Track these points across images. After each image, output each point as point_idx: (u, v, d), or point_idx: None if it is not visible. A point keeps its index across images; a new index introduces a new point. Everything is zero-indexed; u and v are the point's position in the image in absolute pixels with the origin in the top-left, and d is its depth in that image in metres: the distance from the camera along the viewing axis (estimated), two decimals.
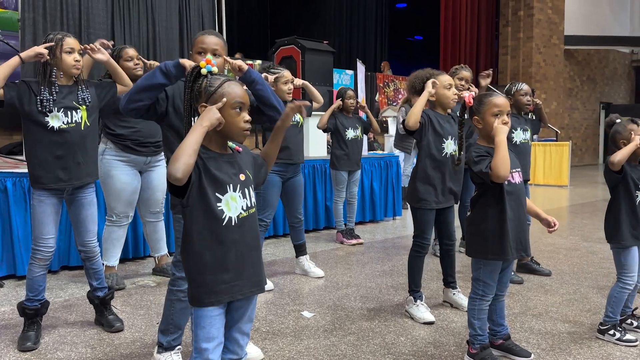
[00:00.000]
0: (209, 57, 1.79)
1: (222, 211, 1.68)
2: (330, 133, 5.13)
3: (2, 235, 3.84)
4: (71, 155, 2.72)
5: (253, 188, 1.81)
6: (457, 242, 3.44)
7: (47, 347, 2.73)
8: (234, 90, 1.71)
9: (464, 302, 3.17)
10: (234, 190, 1.71)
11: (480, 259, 2.46)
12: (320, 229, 5.90)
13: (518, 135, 3.77)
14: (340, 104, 5.03)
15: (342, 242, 5.27)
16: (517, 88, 3.87)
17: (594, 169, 15.74)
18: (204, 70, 1.72)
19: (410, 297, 3.18)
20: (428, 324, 3.06)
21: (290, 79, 3.83)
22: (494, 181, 2.31)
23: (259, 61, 9.24)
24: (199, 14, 7.61)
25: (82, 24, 6.41)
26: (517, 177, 2.45)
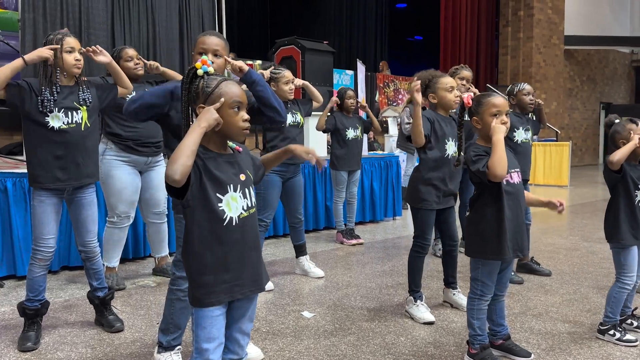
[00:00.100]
0: (204, 57, 1.78)
1: (223, 211, 1.68)
2: (330, 133, 5.13)
3: (2, 235, 3.84)
4: (71, 155, 2.73)
5: (254, 188, 1.81)
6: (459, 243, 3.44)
7: (47, 347, 2.73)
8: (231, 90, 1.71)
9: (464, 302, 3.17)
10: (235, 191, 1.71)
11: (479, 258, 2.46)
12: (320, 229, 5.91)
13: (520, 135, 3.78)
14: (337, 102, 5.02)
15: (342, 242, 5.27)
16: (519, 88, 3.91)
17: (594, 169, 15.73)
18: (200, 71, 1.71)
19: (410, 297, 3.18)
20: (428, 324, 3.06)
21: (291, 79, 3.84)
22: (491, 180, 2.32)
23: (259, 61, 9.22)
24: (199, 14, 7.61)
25: (82, 24, 6.41)
26: (515, 177, 2.45)
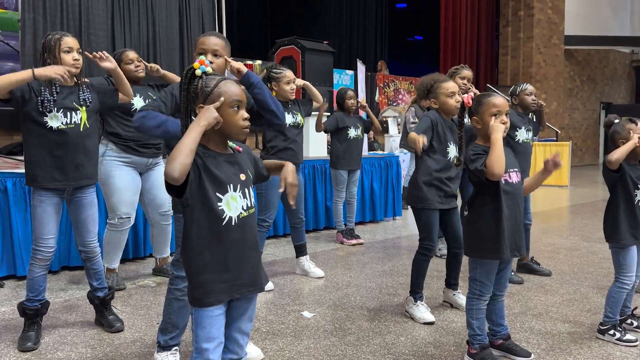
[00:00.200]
0: (202, 57, 1.79)
1: (222, 211, 1.67)
2: (331, 132, 5.13)
3: (2, 235, 3.84)
4: (69, 156, 2.72)
5: (254, 188, 1.81)
6: None
7: (47, 347, 2.73)
8: (230, 89, 1.71)
9: (463, 302, 3.16)
10: (235, 190, 1.71)
11: (477, 258, 2.46)
12: (320, 229, 5.91)
13: (521, 134, 3.78)
14: (326, 107, 4.90)
15: (342, 242, 5.27)
16: (522, 88, 3.93)
17: (594, 169, 15.73)
18: (199, 72, 1.71)
19: (410, 297, 3.18)
20: (428, 324, 3.06)
21: (293, 78, 3.83)
22: (489, 179, 2.32)
23: (259, 61, 9.23)
24: (199, 14, 7.61)
25: (82, 24, 6.41)
26: (514, 176, 2.45)
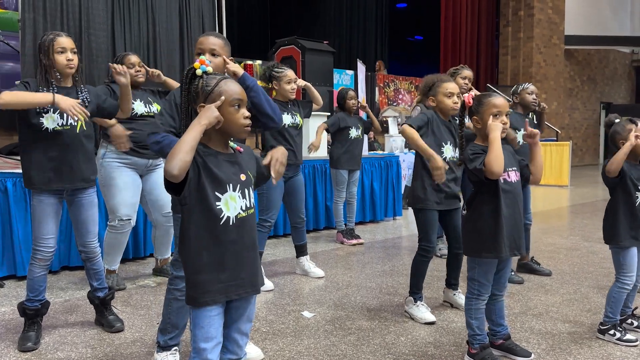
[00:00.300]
0: (202, 57, 1.79)
1: (220, 210, 1.67)
2: (332, 133, 5.13)
3: (3, 235, 3.84)
4: (65, 157, 2.70)
5: (253, 188, 1.81)
6: None
7: (48, 347, 2.73)
8: (231, 88, 1.71)
9: (464, 302, 3.16)
10: (234, 190, 1.71)
11: (475, 257, 2.47)
12: (320, 229, 5.90)
13: (521, 136, 3.76)
14: (316, 149, 4.90)
15: (342, 242, 5.27)
16: (523, 87, 3.94)
17: (594, 169, 15.73)
18: (199, 71, 1.72)
19: (410, 298, 3.18)
20: (429, 324, 3.06)
21: (294, 78, 3.82)
22: (488, 178, 2.33)
23: (259, 61, 9.22)
24: (199, 14, 7.60)
25: (82, 24, 6.40)
26: (513, 175, 2.45)
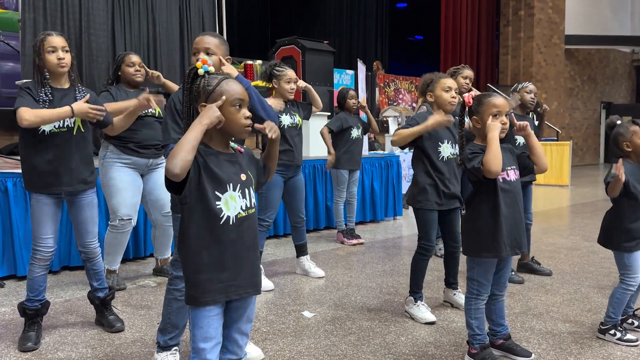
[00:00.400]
0: (205, 57, 1.79)
1: (220, 210, 1.67)
2: (334, 133, 5.13)
3: (3, 235, 3.84)
4: (62, 160, 2.69)
5: (254, 189, 1.81)
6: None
7: (48, 347, 2.73)
8: (232, 88, 1.71)
9: (464, 302, 3.16)
10: (234, 190, 1.71)
11: (475, 257, 2.46)
12: (320, 229, 5.90)
13: (521, 137, 3.74)
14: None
15: (342, 242, 5.27)
16: (523, 85, 3.93)
17: (594, 168, 15.73)
18: (201, 71, 1.72)
19: (410, 298, 3.18)
20: (429, 324, 3.06)
21: (294, 78, 3.81)
22: (486, 177, 2.33)
23: (259, 61, 9.22)
24: (199, 14, 7.61)
25: (82, 24, 6.41)
26: (512, 174, 2.45)
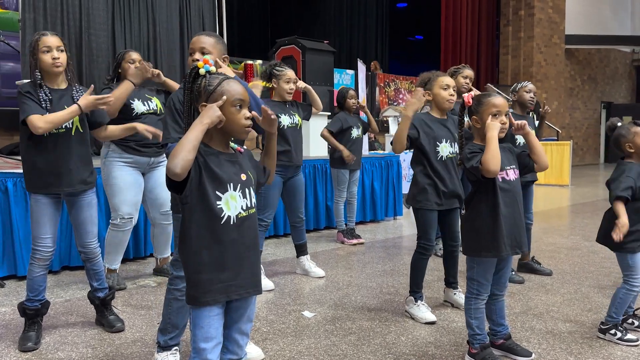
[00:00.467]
0: (206, 57, 1.79)
1: (221, 209, 1.68)
2: (333, 134, 5.13)
3: (3, 235, 3.84)
4: (62, 160, 2.69)
5: (254, 189, 1.81)
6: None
7: (48, 347, 2.73)
8: (233, 88, 1.72)
9: (464, 301, 3.16)
10: (234, 190, 1.71)
11: (474, 256, 2.46)
12: (321, 228, 5.90)
13: (521, 137, 3.73)
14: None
15: (342, 242, 5.27)
16: (522, 85, 3.92)
17: (595, 168, 15.72)
18: (202, 70, 1.72)
19: (411, 297, 3.18)
20: (430, 323, 3.06)
21: (294, 78, 3.81)
22: (485, 176, 2.33)
23: (259, 61, 9.23)
24: (199, 14, 7.61)
25: (82, 24, 6.41)
26: (512, 174, 2.45)
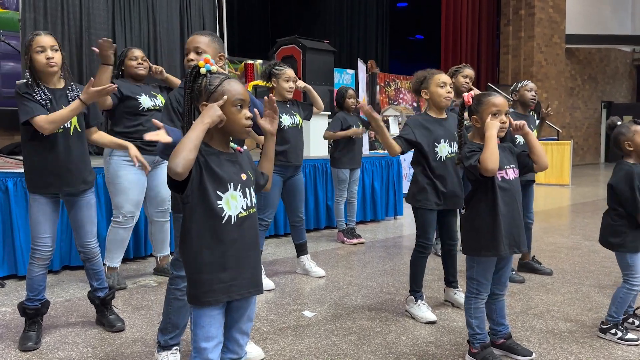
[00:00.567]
0: (207, 56, 1.79)
1: (222, 209, 1.68)
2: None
3: (4, 235, 3.84)
4: (61, 161, 2.69)
5: (254, 188, 1.81)
6: (458, 242, 3.43)
7: (48, 347, 2.73)
8: (234, 88, 1.72)
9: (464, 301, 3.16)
10: (235, 189, 1.71)
11: (474, 256, 2.46)
12: (321, 228, 5.90)
13: (521, 137, 3.73)
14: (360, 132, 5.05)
15: (343, 242, 5.27)
16: (523, 84, 3.92)
17: (595, 168, 15.72)
18: (203, 70, 1.73)
19: (411, 297, 3.18)
20: (430, 323, 3.05)
21: (293, 77, 3.81)
22: (483, 175, 2.33)
23: (259, 61, 9.23)
24: (199, 14, 7.61)
25: (82, 24, 6.42)
26: (511, 173, 2.45)
